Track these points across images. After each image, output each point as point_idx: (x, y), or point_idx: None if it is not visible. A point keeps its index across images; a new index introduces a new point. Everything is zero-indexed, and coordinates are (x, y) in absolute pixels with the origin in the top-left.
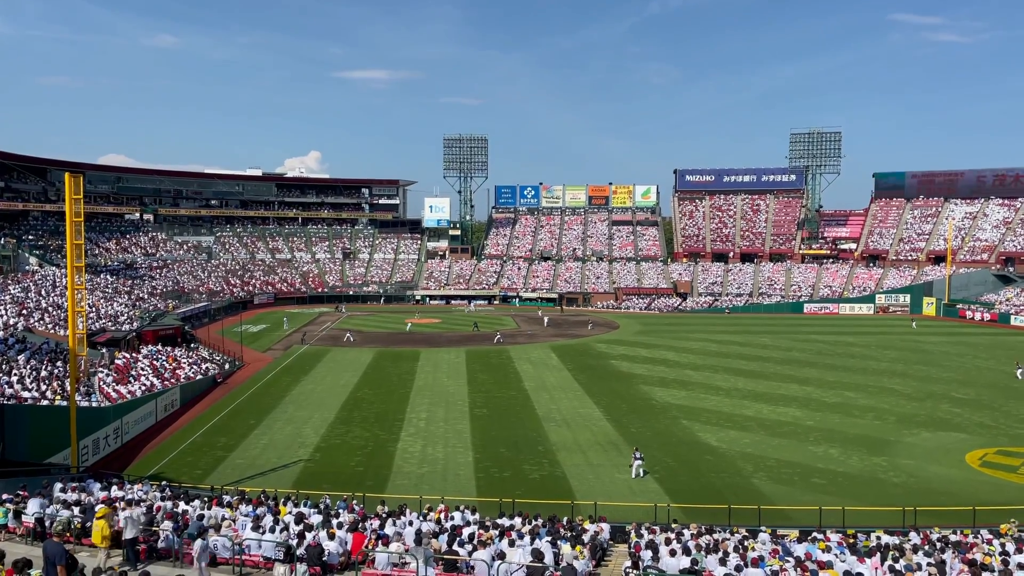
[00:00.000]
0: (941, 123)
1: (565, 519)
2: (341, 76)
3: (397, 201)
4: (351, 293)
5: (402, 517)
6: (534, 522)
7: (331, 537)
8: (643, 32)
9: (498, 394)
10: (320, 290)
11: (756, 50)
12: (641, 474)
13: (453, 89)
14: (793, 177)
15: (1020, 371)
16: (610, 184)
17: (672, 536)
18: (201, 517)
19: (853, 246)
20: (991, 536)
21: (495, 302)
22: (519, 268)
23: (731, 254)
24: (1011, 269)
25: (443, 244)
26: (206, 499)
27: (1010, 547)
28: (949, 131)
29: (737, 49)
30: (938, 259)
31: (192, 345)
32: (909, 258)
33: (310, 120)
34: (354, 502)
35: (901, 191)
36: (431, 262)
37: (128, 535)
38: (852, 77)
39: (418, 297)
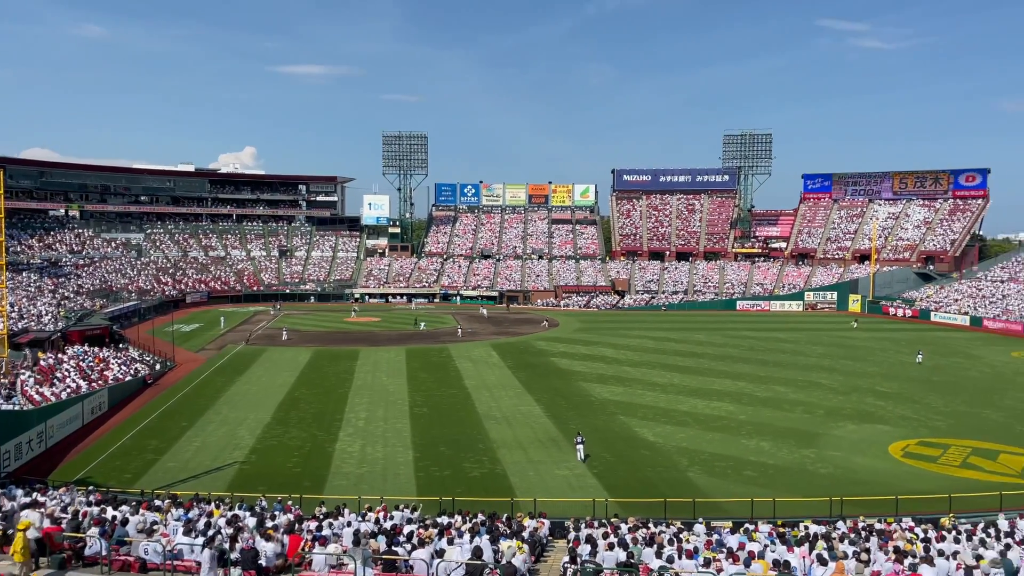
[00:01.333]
0: (866, 125)
1: (505, 516)
2: (278, 71)
3: (335, 198)
4: (288, 292)
5: (340, 518)
6: (474, 520)
7: (267, 539)
8: (582, 33)
9: (438, 392)
10: (255, 288)
11: (690, 53)
12: (583, 457)
13: (393, 86)
14: (726, 178)
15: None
16: (550, 183)
17: (610, 530)
18: (125, 523)
19: (783, 245)
20: (912, 524)
21: (435, 300)
22: (459, 266)
23: (667, 252)
24: (931, 267)
25: (383, 242)
26: (134, 503)
27: (932, 534)
28: (874, 133)
29: (672, 51)
30: (863, 258)
31: (121, 345)
32: (836, 256)
33: (245, 115)
34: (291, 503)
35: (828, 192)
36: (370, 260)
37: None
38: (782, 80)
39: (357, 295)
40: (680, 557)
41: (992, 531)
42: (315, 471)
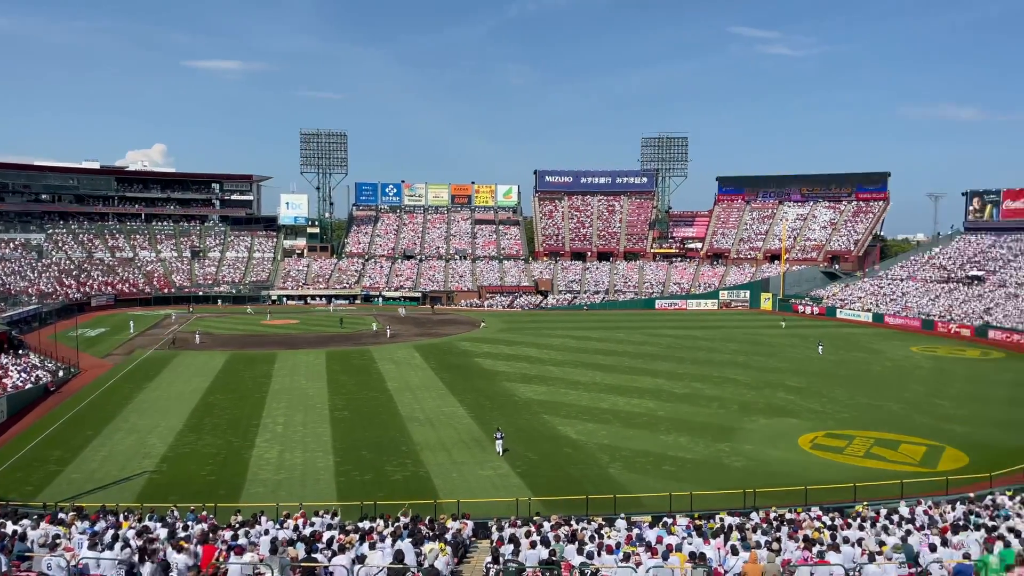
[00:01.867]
0: (777, 130)
1: (428, 518)
2: (189, 65)
3: (251, 197)
4: (200, 294)
5: (257, 526)
6: (396, 523)
7: (178, 551)
8: (503, 34)
9: (360, 395)
10: (166, 291)
11: (609, 56)
12: (502, 451)
13: (312, 83)
14: (645, 180)
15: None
16: (473, 183)
17: (532, 529)
18: (25, 537)
19: (699, 245)
20: (820, 512)
21: (357, 302)
22: (381, 267)
23: (589, 253)
24: (836, 266)
25: (301, 242)
26: (36, 517)
27: (838, 522)
28: (784, 138)
29: (591, 54)
30: (774, 257)
31: (20, 351)
32: (748, 256)
33: (155, 111)
34: (205, 513)
35: (741, 194)
36: (288, 261)
37: None
38: (697, 85)
39: (274, 297)
40: (601, 553)
41: (895, 518)
42: (231, 479)
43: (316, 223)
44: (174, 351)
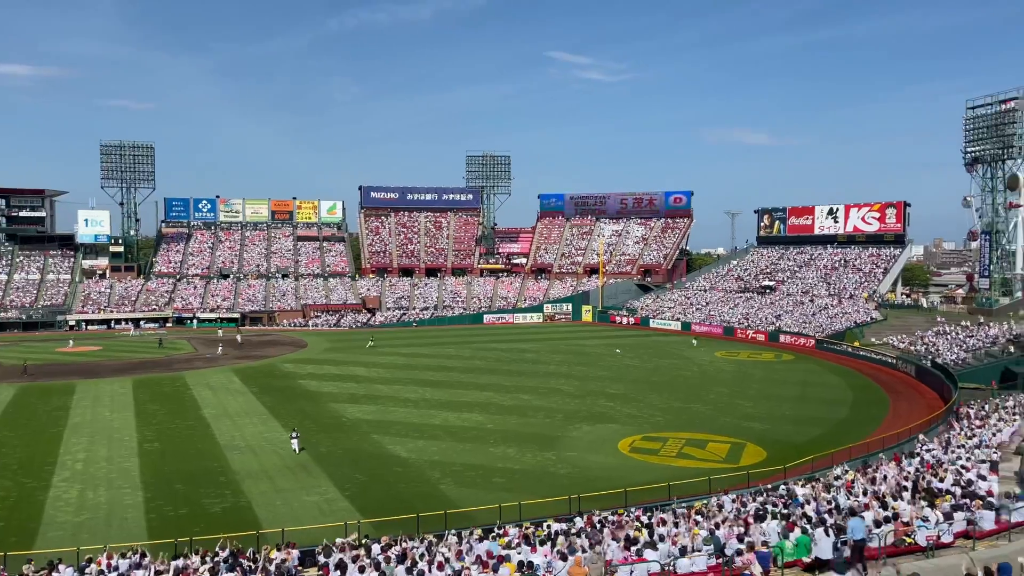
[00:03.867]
0: (593, 150)
1: (250, 550)
2: None
3: (43, 214)
4: None
5: (55, 573)
6: (214, 558)
7: None
8: (324, 48)
9: (171, 425)
10: None
11: (432, 74)
12: (297, 449)
13: (115, 91)
14: (470, 197)
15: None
16: (294, 199)
17: (361, 552)
18: None
19: (524, 260)
20: (639, 512)
21: (168, 324)
22: (195, 287)
23: (417, 269)
24: (649, 279)
25: (103, 262)
26: None
27: (655, 519)
28: (600, 157)
29: (415, 71)
30: (593, 271)
31: None
32: (570, 271)
33: None
34: None
35: (561, 211)
36: (88, 282)
37: None
38: (518, 105)
39: (72, 322)
40: (431, 570)
41: (704, 511)
42: (23, 524)
43: (120, 241)
44: None
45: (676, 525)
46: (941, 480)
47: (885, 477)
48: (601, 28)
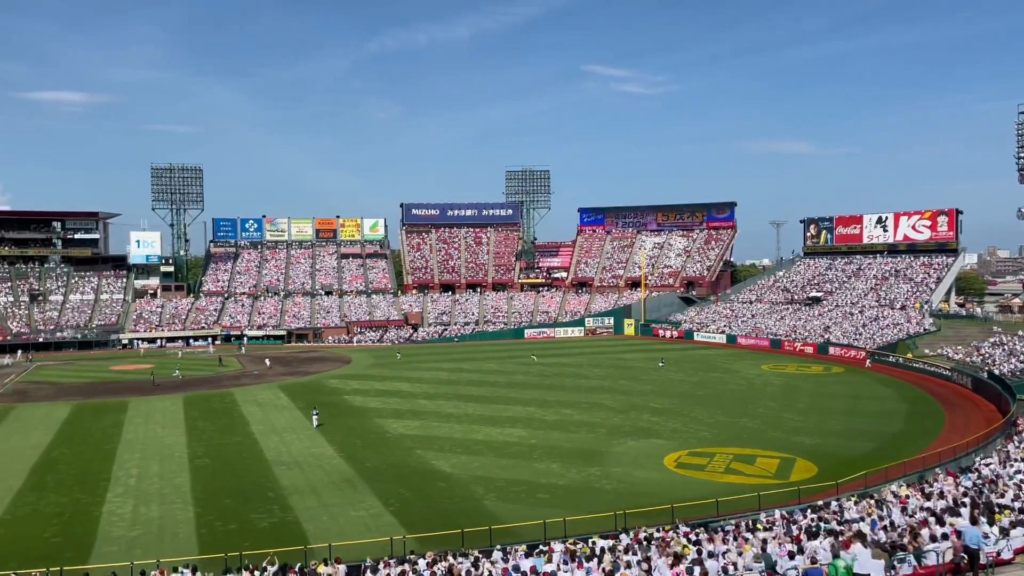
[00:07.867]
0: (632, 162)
1: (298, 566)
2: (26, 97)
3: (97, 236)
4: (42, 340)
5: None
6: (263, 573)
7: None
8: (363, 69)
9: (221, 441)
10: (2, 339)
11: (471, 91)
12: (317, 424)
13: (163, 116)
14: (510, 212)
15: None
16: (338, 217)
17: (408, 568)
18: None
19: (564, 274)
20: (687, 529)
21: (217, 342)
22: (243, 305)
23: (458, 285)
24: (692, 292)
25: (154, 282)
26: None
27: (703, 536)
28: (639, 170)
29: (453, 90)
30: (634, 284)
31: None
32: (611, 284)
33: None
34: None
35: (602, 224)
36: (140, 302)
37: None
38: (557, 120)
39: (125, 341)
40: None
41: (753, 527)
42: (79, 539)
43: (170, 261)
44: (9, 404)
45: (725, 542)
46: (1001, 496)
47: (942, 492)
48: (639, 41)
